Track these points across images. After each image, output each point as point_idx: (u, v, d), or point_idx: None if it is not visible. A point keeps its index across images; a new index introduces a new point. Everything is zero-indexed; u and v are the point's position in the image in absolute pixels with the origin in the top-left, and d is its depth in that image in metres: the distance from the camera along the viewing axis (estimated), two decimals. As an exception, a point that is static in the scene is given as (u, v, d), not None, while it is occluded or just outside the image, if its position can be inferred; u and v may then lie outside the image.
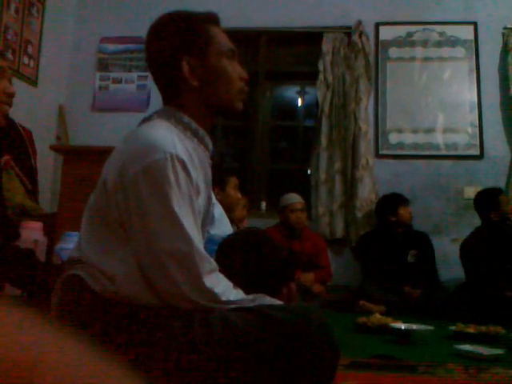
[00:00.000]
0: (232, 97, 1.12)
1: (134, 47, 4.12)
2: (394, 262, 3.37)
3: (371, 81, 3.97)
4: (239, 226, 2.87)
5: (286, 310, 0.98)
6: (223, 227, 2.11)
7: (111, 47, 4.21)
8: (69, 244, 1.87)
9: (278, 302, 1.04)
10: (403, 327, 2.12)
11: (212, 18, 1.14)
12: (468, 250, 3.21)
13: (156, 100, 1.18)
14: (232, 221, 2.73)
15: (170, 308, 0.95)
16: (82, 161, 3.38)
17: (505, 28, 3.93)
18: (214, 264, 0.99)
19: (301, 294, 2.80)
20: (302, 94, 4.41)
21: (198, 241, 0.97)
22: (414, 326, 2.13)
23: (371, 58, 3.97)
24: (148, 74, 4.18)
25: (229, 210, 2.42)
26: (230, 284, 1.00)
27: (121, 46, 4.20)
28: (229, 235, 1.38)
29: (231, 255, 1.01)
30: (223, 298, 0.95)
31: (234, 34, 1.21)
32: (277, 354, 0.91)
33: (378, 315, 2.41)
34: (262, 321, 0.94)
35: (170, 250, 0.94)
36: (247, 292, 1.02)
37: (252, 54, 4.13)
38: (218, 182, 2.26)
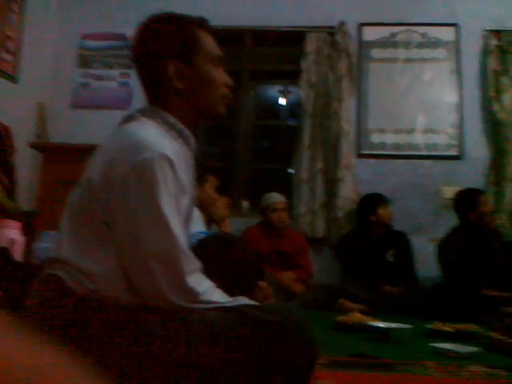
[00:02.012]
0: (216, 102, 1.13)
1: (117, 44, 4.08)
2: (374, 261, 3.41)
3: (354, 81, 4.00)
4: (221, 225, 2.87)
5: (265, 309, 0.99)
6: (195, 226, 2.11)
7: (93, 44, 4.17)
8: (47, 243, 1.86)
9: (254, 303, 1.04)
10: (382, 326, 2.15)
11: (202, 23, 1.15)
12: (445, 249, 3.26)
13: (138, 98, 1.18)
14: (213, 220, 2.73)
15: (149, 307, 0.95)
16: (61, 159, 3.35)
17: (485, 30, 3.99)
18: (197, 263, 1.00)
19: (280, 293, 2.82)
20: (285, 93, 4.43)
21: (183, 240, 0.98)
22: (393, 325, 2.16)
23: (354, 59, 4.01)
24: (130, 71, 4.20)
25: (203, 208, 2.43)
26: (212, 284, 1.00)
27: (103, 43, 4.16)
28: (200, 240, 1.39)
29: (202, 258, 1.02)
30: (204, 298, 0.96)
31: (219, 32, 1.22)
32: (254, 353, 0.92)
33: (357, 314, 2.44)
34: (241, 320, 0.94)
35: (156, 249, 0.94)
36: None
37: (236, 52, 4.13)
38: (197, 180, 2.27)
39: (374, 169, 3.92)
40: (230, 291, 1.04)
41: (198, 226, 2.25)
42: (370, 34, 4.07)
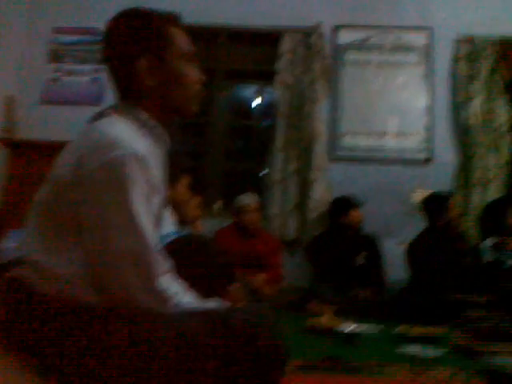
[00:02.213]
0: (188, 100, 1.12)
1: (89, 38, 4.01)
2: (344, 263, 3.44)
3: (328, 83, 4.03)
4: (193, 226, 2.84)
5: (235, 312, 0.98)
6: (167, 226, 2.09)
7: (65, 38, 4.08)
8: (15, 242, 1.80)
9: (226, 305, 1.04)
10: (350, 329, 2.16)
11: (174, 19, 1.13)
12: (414, 252, 3.31)
13: (110, 94, 1.16)
14: (185, 221, 2.70)
15: (117, 310, 0.93)
16: (30, 155, 3.26)
17: (458, 36, 4.07)
18: (168, 265, 0.99)
19: (252, 295, 2.81)
20: (259, 93, 4.43)
21: (154, 241, 0.96)
22: (361, 328, 2.18)
23: (329, 61, 4.04)
24: (102, 66, 4.11)
25: (176, 208, 2.40)
26: (183, 286, 0.99)
27: (75, 37, 4.08)
28: (171, 241, 1.38)
29: (173, 259, 1.01)
30: (175, 301, 0.95)
31: (193, 30, 1.20)
32: (223, 357, 0.91)
33: (327, 317, 2.45)
34: (210, 324, 0.94)
35: (125, 249, 0.92)
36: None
37: (210, 51, 4.11)
38: (169, 179, 2.24)
39: (346, 171, 3.95)
40: (201, 293, 1.03)
41: (170, 226, 2.22)
42: (345, 36, 4.10)
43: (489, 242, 3.53)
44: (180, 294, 0.97)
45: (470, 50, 4.08)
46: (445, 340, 2.17)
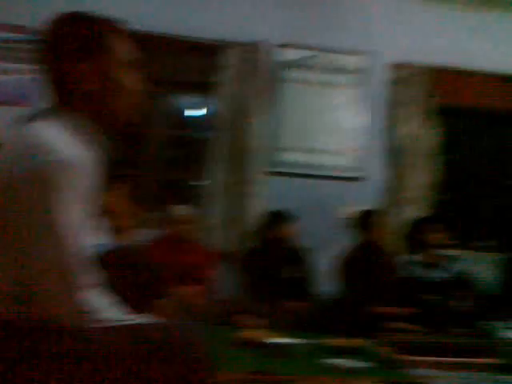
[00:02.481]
0: (126, 108, 1.11)
1: (16, 37, 3.84)
2: (275, 276, 3.49)
3: (268, 99, 4.10)
4: (126, 236, 2.79)
5: (160, 328, 0.98)
6: (99, 236, 2.04)
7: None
8: None
9: (154, 319, 1.03)
10: (279, 341, 2.19)
11: (116, 25, 1.12)
12: (344, 266, 3.43)
13: (43, 96, 1.13)
14: (119, 231, 2.65)
15: (39, 324, 0.90)
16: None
17: (393, 61, 4.28)
18: (95, 278, 0.96)
19: (182, 309, 2.79)
20: (199, 105, 4.43)
21: (81, 252, 0.93)
22: (290, 340, 2.21)
23: (270, 78, 4.11)
24: (34, 67, 3.95)
25: (110, 217, 2.35)
26: (110, 300, 0.97)
27: (2, 35, 3.90)
28: (102, 252, 1.36)
29: (103, 271, 0.99)
30: (100, 315, 0.93)
31: (135, 37, 1.18)
32: (146, 371, 0.91)
33: (257, 329, 2.46)
34: (134, 339, 0.93)
35: (49, 262, 0.89)
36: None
37: (151, 60, 4.06)
38: (104, 187, 2.19)
39: (282, 186, 4.02)
40: (130, 307, 1.02)
41: (102, 236, 2.17)
42: (287, 54, 4.19)
43: (414, 257, 3.71)
44: (105, 308, 0.95)
45: (404, 76, 4.30)
46: (369, 352, 2.25)
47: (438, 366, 1.68)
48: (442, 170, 4.36)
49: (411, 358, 1.92)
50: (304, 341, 2.27)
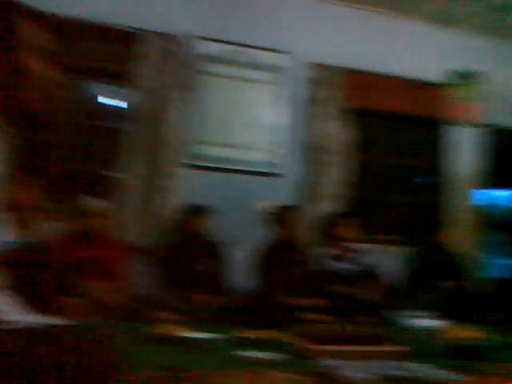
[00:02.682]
0: (34, 95, 1.05)
1: None
2: (190, 270, 3.47)
3: (188, 92, 4.05)
4: (33, 230, 2.63)
5: (62, 329, 0.94)
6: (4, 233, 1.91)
7: None
8: None
9: (62, 320, 0.99)
10: (194, 336, 2.17)
11: (26, 10, 1.05)
12: (260, 260, 3.48)
13: None
14: (25, 225, 2.49)
15: None
16: None
17: (311, 62, 4.40)
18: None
19: (92, 305, 2.69)
20: (116, 94, 4.27)
21: None
22: (205, 335, 2.20)
23: (190, 70, 4.06)
24: None
25: (18, 211, 2.21)
26: (15, 302, 0.92)
27: None
28: (7, 250, 1.27)
29: (6, 270, 0.93)
30: (4, 317, 0.87)
31: (46, 22, 1.11)
32: (48, 372, 0.86)
33: (170, 325, 2.43)
34: (35, 341, 0.88)
35: None
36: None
37: (65, 46, 3.85)
38: (11, 180, 2.06)
39: (199, 179, 3.99)
40: (33, 306, 0.96)
41: (7, 232, 2.03)
42: (208, 48, 4.16)
43: (326, 251, 3.84)
44: (9, 310, 0.89)
45: (321, 76, 4.44)
46: (282, 343, 2.29)
47: (347, 355, 1.75)
48: (356, 168, 4.55)
49: (322, 348, 1.97)
50: (218, 334, 2.27)
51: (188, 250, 3.54)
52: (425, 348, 2.20)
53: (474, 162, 5.08)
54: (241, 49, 4.26)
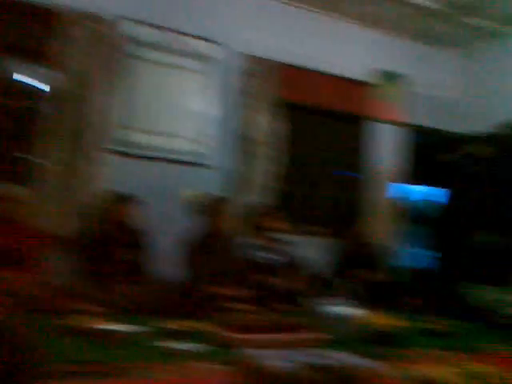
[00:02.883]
0: None
1: None
2: (111, 260, 3.36)
3: (112, 75, 3.90)
4: None
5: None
6: None
7: None
8: None
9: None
10: (114, 328, 2.10)
11: None
12: (186, 251, 3.44)
13: None
14: None
15: None
16: None
17: (243, 53, 4.40)
18: None
19: (6, 297, 2.53)
20: (35, 74, 4.03)
21: None
22: (126, 326, 2.14)
23: (117, 53, 3.91)
24: None
25: None
26: None
27: None
28: None
29: None
30: None
31: None
32: None
33: (90, 316, 2.34)
34: None
35: None
36: None
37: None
38: None
39: (124, 167, 3.88)
40: None
41: None
42: (138, 31, 4.03)
43: (253, 241, 3.87)
44: None
45: (254, 68, 4.45)
46: (206, 334, 2.27)
47: (270, 344, 1.76)
48: (284, 161, 4.61)
49: (246, 337, 1.98)
50: (141, 326, 2.21)
51: (111, 239, 3.42)
52: (344, 335, 2.27)
53: (395, 158, 5.32)
54: (173, 35, 4.17)
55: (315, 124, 5.04)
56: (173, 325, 2.29)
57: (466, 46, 5.65)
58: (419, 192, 8.16)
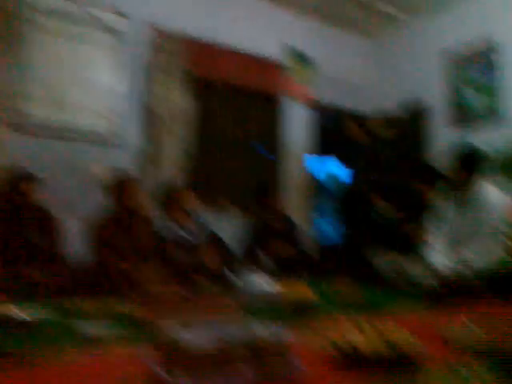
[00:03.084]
0: None
1: None
2: (16, 242, 3.14)
3: (10, 43, 3.58)
4: None
5: None
6: None
7: None
8: None
9: None
10: (20, 315, 1.96)
11: None
12: (96, 231, 3.27)
13: None
14: None
15: None
16: None
17: (154, 27, 4.24)
18: None
19: None
20: None
21: None
22: (33, 311, 2.00)
23: (15, 20, 3.59)
24: None
25: None
26: None
27: None
28: None
29: None
30: None
31: None
32: None
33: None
34: None
35: None
36: None
37: None
38: None
39: (26, 143, 3.62)
40: None
41: None
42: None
43: (168, 220, 3.79)
44: None
45: (162, 43, 4.29)
46: (123, 315, 2.20)
47: (190, 322, 1.73)
48: (197, 138, 4.53)
49: (165, 317, 1.94)
50: (53, 310, 2.09)
51: (15, 220, 3.18)
52: (260, 308, 2.30)
53: (305, 136, 5.44)
54: (77, 4, 3.91)
55: (228, 100, 4.99)
56: (89, 307, 2.18)
57: (375, 31, 5.89)
58: (328, 168, 8.48)
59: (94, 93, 3.99)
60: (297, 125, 5.36)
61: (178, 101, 4.35)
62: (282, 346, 1.11)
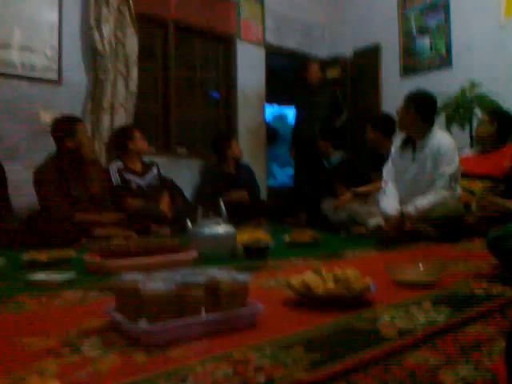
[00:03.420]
0: None
1: None
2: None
3: None
4: None
5: None
6: None
7: None
8: None
9: None
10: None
11: None
12: (41, 177, 3.13)
13: None
14: None
15: None
16: None
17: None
18: None
19: None
20: None
21: None
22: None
23: None
24: None
25: None
26: None
27: None
28: None
29: None
30: None
31: None
32: None
33: None
34: None
35: None
36: None
37: None
38: None
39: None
40: None
41: None
42: None
43: (117, 165, 3.70)
44: None
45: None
46: (75, 262, 2.17)
47: (144, 267, 1.73)
48: (146, 79, 4.36)
49: (118, 262, 1.92)
50: (3, 259, 2.03)
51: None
52: (217, 253, 2.32)
53: (258, 78, 5.34)
54: None
55: (179, 41, 4.80)
56: (39, 256, 2.13)
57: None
58: (279, 112, 8.44)
59: (32, 27, 3.72)
60: (249, 66, 5.23)
61: (125, 40, 4.13)
62: (240, 287, 1.13)
